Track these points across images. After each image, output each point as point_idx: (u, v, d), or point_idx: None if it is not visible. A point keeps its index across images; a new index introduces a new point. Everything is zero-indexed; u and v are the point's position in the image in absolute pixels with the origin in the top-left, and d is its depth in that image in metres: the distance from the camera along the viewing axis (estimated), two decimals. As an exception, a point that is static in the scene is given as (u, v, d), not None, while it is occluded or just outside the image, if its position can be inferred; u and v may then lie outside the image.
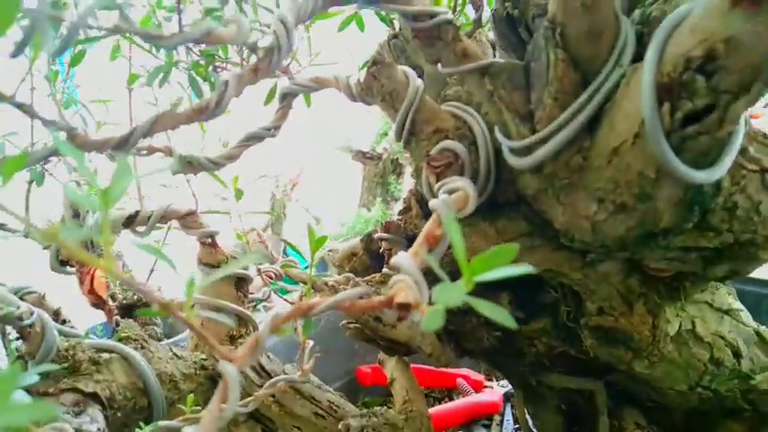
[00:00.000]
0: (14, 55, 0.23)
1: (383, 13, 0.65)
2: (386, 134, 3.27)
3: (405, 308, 0.27)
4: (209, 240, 0.73)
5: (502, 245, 0.27)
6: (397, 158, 3.24)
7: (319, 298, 0.29)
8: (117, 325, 0.64)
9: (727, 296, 0.66)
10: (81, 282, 1.19)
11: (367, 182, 3.45)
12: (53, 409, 0.16)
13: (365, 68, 0.49)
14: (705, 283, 0.57)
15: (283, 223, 2.88)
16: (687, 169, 0.34)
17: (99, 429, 0.49)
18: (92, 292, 1.23)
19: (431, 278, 0.26)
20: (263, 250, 0.92)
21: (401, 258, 0.30)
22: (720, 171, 0.35)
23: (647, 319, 0.56)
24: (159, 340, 0.74)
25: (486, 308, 0.27)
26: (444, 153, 0.44)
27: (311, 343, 0.55)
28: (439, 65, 0.43)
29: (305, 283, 0.64)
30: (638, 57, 0.39)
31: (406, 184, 3.22)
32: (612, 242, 0.41)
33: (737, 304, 0.67)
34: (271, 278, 0.89)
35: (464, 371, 1.08)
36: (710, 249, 0.46)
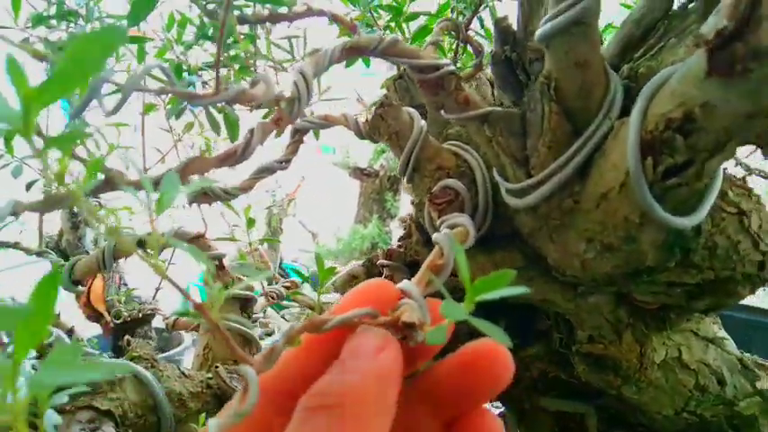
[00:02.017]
0: (74, 117, 0.26)
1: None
2: (383, 151, 3.30)
3: (410, 327, 0.30)
4: (217, 263, 0.75)
5: (501, 270, 0.30)
6: (395, 175, 3.27)
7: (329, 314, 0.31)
8: (116, 339, 0.66)
9: (712, 325, 0.69)
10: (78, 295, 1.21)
11: (363, 198, 3.47)
12: (127, 366, 0.18)
13: (373, 109, 0.53)
14: (689, 315, 0.60)
15: (280, 238, 2.90)
16: (668, 216, 0.37)
17: (112, 446, 0.52)
18: (88, 305, 1.25)
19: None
20: (266, 270, 0.95)
21: (406, 285, 0.33)
22: (699, 217, 0.38)
23: (634, 347, 0.59)
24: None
25: (485, 326, 0.30)
26: (446, 190, 0.48)
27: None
28: (442, 111, 0.46)
29: (310, 307, 0.67)
30: (626, 110, 0.43)
31: (404, 201, 3.26)
32: (600, 278, 0.44)
33: (722, 333, 0.70)
34: (273, 298, 0.92)
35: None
36: (693, 285, 0.49)
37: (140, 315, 0.88)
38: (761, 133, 0.33)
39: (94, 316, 1.25)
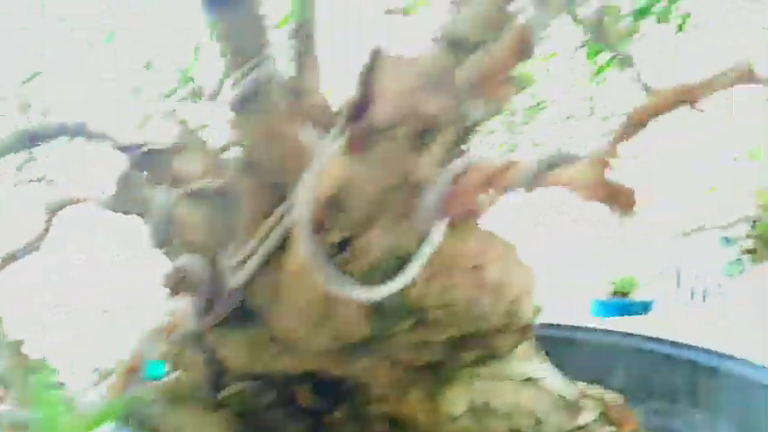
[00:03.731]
0: None
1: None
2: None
3: None
4: None
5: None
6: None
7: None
8: None
9: (528, 363, 0.69)
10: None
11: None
12: None
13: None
14: (461, 368, 0.59)
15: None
16: (356, 290, 0.37)
17: None
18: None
19: None
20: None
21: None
22: (385, 291, 0.37)
23: (426, 403, 0.57)
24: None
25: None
26: (177, 270, 0.46)
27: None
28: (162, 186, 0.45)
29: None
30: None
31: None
32: (326, 352, 0.43)
33: (541, 371, 0.70)
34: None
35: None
36: (446, 341, 0.49)
37: None
38: (403, 207, 0.33)
39: None
